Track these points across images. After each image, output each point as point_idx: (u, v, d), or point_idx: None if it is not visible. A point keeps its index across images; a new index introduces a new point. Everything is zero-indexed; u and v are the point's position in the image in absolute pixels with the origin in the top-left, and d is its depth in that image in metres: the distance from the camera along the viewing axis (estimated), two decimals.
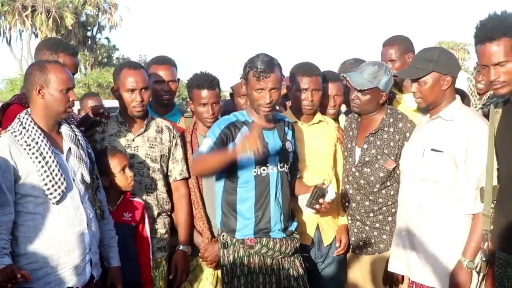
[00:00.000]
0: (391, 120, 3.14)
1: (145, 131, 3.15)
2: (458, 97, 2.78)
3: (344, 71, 3.60)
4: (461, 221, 2.64)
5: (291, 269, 2.94)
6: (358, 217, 3.21)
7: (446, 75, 2.69)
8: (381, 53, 3.68)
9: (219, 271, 3.18)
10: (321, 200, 2.80)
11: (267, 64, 2.78)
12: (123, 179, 2.96)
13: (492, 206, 2.49)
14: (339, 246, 3.26)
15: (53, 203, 2.49)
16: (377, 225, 3.16)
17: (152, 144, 3.15)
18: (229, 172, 2.87)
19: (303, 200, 2.95)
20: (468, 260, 2.56)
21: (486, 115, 2.74)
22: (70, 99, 2.59)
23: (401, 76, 3.22)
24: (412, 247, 2.79)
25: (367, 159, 3.14)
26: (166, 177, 3.21)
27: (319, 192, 2.80)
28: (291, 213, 3.02)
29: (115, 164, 2.95)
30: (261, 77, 2.78)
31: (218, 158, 2.72)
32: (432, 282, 2.72)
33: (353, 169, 3.20)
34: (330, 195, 2.79)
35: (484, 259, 2.52)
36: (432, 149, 2.69)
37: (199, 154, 2.84)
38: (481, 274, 2.56)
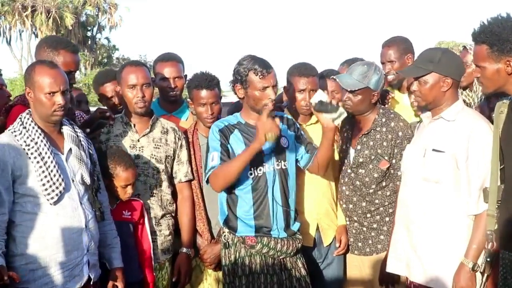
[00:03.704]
0: (383, 119, 3.12)
1: (150, 131, 3.13)
2: (460, 98, 2.77)
3: None
4: (462, 222, 2.63)
5: (293, 270, 2.93)
6: (355, 218, 3.20)
7: (446, 77, 2.67)
8: (381, 54, 3.69)
9: (218, 272, 3.18)
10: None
11: (265, 63, 2.88)
12: (122, 192, 2.95)
13: (497, 206, 2.48)
14: (339, 247, 3.26)
15: (51, 204, 2.48)
16: (375, 225, 3.16)
17: (157, 145, 3.13)
18: None
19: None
20: (471, 262, 2.54)
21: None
22: (57, 102, 2.52)
23: (403, 74, 3.23)
24: (412, 247, 2.78)
25: (361, 160, 3.13)
26: (170, 178, 3.19)
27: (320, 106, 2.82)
28: (294, 212, 3.00)
29: (123, 178, 2.91)
30: (266, 74, 2.83)
31: (239, 161, 2.76)
32: (432, 283, 2.70)
33: (349, 170, 3.20)
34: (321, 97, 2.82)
35: (488, 259, 2.50)
36: (433, 150, 2.69)
37: (215, 169, 2.82)
38: (485, 275, 2.55)
